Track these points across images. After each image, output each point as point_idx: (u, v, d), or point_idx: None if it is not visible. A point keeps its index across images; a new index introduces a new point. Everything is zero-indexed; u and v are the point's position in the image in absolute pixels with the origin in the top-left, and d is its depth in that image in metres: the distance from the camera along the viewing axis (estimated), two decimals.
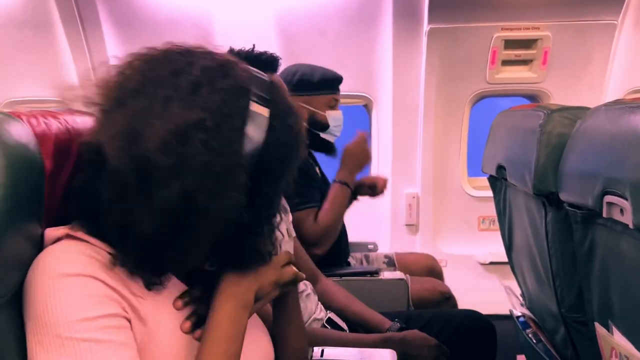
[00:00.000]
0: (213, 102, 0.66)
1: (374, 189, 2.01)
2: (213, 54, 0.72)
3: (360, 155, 1.89)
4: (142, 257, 0.68)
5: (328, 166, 2.06)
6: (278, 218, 1.37)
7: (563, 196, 0.97)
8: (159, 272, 0.72)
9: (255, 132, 0.68)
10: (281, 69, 1.82)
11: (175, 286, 0.75)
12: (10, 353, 0.62)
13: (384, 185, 2.01)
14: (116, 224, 0.66)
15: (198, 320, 0.73)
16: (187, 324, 0.71)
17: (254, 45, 1.39)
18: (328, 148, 1.95)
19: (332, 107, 1.90)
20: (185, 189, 0.63)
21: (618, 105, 0.79)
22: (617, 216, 0.76)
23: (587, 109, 0.94)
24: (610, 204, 0.77)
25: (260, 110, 0.69)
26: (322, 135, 1.90)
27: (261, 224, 0.73)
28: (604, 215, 0.79)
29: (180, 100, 0.65)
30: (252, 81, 0.71)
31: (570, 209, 0.95)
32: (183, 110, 0.64)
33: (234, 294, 0.72)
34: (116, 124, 0.66)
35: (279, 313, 0.86)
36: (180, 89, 0.66)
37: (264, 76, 0.74)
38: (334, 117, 1.90)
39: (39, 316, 0.62)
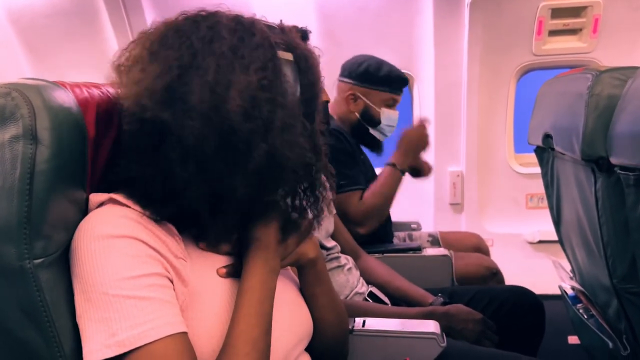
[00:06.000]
0: (258, 60, 0.68)
1: (417, 171, 1.99)
2: (219, 14, 0.73)
3: (418, 141, 1.84)
4: (232, 223, 0.73)
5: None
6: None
7: (614, 160, 0.93)
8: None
9: (291, 78, 0.73)
10: (320, 45, 1.80)
11: None
12: (60, 306, 0.65)
13: (429, 171, 1.99)
14: (204, 198, 0.69)
15: (234, 271, 0.76)
16: (223, 270, 0.76)
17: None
18: (373, 145, 1.94)
19: (389, 106, 1.89)
20: (270, 147, 0.68)
21: None
22: None
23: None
24: None
25: (287, 57, 0.73)
26: (371, 130, 1.90)
27: (316, 163, 0.78)
28: None
29: (231, 66, 0.67)
30: (270, 31, 0.73)
31: (621, 172, 0.90)
32: (242, 74, 0.67)
33: (263, 259, 0.76)
34: (185, 102, 0.66)
35: (306, 273, 0.88)
36: (224, 55, 0.67)
37: (274, 24, 0.77)
38: (388, 117, 1.88)
39: (87, 275, 0.64)
